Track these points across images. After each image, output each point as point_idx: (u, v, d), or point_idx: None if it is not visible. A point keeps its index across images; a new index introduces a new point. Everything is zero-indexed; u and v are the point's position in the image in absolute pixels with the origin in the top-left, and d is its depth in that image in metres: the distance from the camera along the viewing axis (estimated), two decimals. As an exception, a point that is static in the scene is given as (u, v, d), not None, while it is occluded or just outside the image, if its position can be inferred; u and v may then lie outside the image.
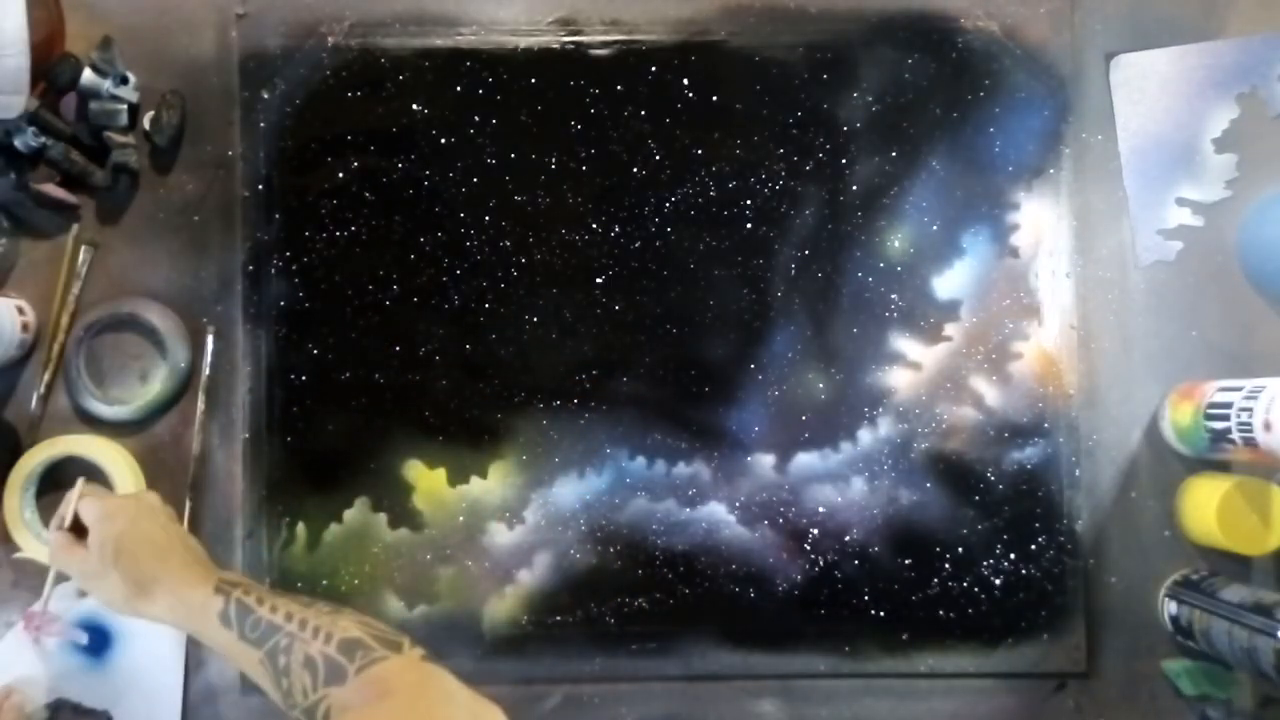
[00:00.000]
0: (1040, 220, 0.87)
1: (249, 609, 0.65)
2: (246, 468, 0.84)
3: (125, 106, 0.84)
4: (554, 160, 0.86)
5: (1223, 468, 0.85)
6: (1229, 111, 0.87)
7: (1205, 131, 0.87)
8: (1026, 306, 0.86)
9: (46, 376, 0.84)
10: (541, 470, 0.85)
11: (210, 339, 0.85)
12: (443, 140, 0.86)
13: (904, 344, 0.86)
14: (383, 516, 0.85)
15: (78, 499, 0.75)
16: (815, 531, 0.85)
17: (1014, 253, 0.87)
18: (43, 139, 0.81)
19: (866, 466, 0.85)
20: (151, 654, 0.82)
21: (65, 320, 0.84)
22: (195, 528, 0.84)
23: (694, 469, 0.85)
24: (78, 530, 0.74)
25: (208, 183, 0.86)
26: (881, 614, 0.85)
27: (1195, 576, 0.83)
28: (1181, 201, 0.87)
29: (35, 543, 0.82)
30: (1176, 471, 0.86)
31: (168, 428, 0.85)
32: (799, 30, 0.87)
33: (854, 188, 0.86)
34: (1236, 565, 0.83)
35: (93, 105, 0.83)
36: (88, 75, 0.82)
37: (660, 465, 0.85)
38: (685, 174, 0.86)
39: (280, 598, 0.66)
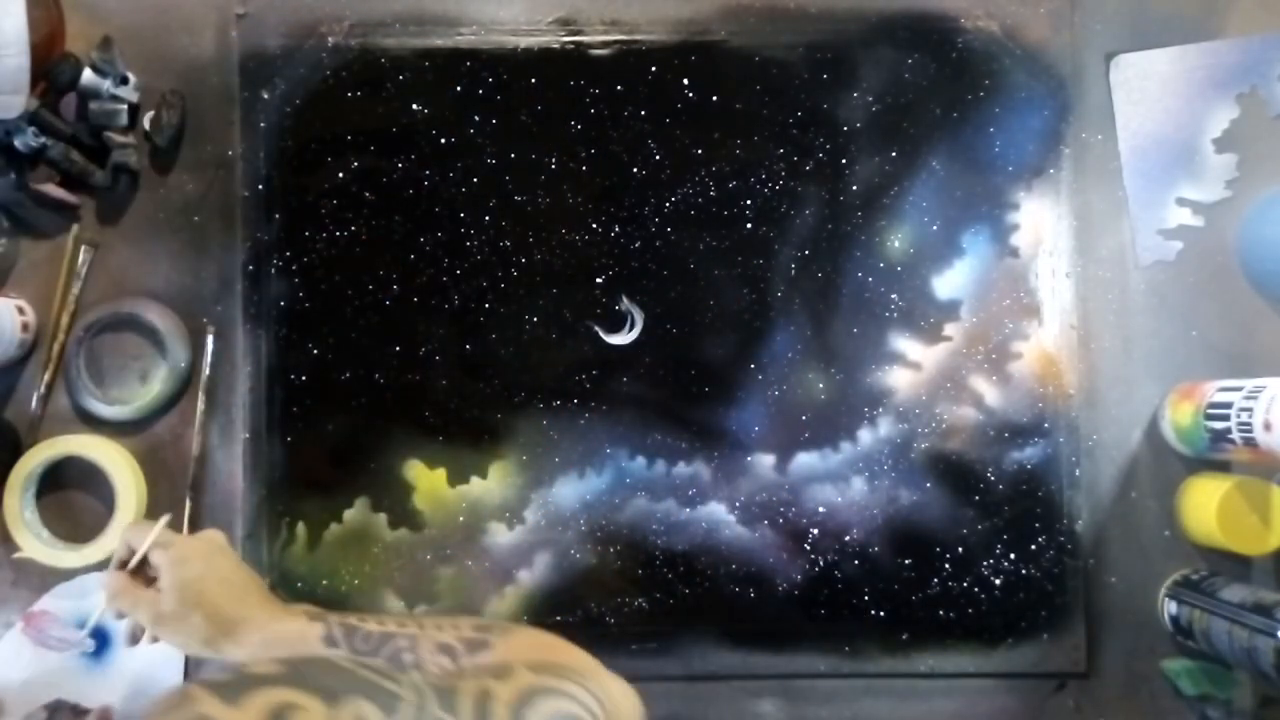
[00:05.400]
0: (1040, 220, 0.87)
1: (353, 627, 0.65)
2: (246, 468, 0.84)
3: (125, 106, 0.84)
4: (554, 160, 0.86)
5: (1223, 468, 0.84)
6: (1229, 111, 0.87)
7: (1205, 131, 0.87)
8: (1026, 306, 0.86)
9: (46, 376, 0.84)
10: (541, 470, 0.85)
11: (210, 339, 0.85)
12: (443, 140, 0.86)
13: (904, 344, 0.86)
14: (383, 516, 0.85)
15: (149, 543, 0.69)
16: (815, 531, 0.85)
17: (1014, 253, 0.87)
18: (43, 139, 0.81)
19: (866, 466, 0.85)
20: (151, 654, 0.82)
21: (65, 320, 0.84)
22: (195, 528, 0.84)
23: (694, 469, 0.85)
24: (137, 572, 0.70)
25: (208, 183, 0.86)
26: (881, 614, 0.85)
27: (1195, 576, 0.83)
28: (1181, 201, 0.87)
29: (35, 543, 0.82)
30: (1176, 471, 0.86)
31: (168, 428, 0.85)
32: (799, 30, 0.87)
33: (854, 188, 0.86)
34: (1236, 565, 0.83)
35: (93, 105, 0.83)
36: (88, 75, 0.82)
37: (660, 465, 0.85)
38: (685, 174, 0.86)
39: (376, 615, 0.66)
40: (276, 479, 0.84)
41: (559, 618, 0.84)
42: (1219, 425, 0.78)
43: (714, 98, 0.86)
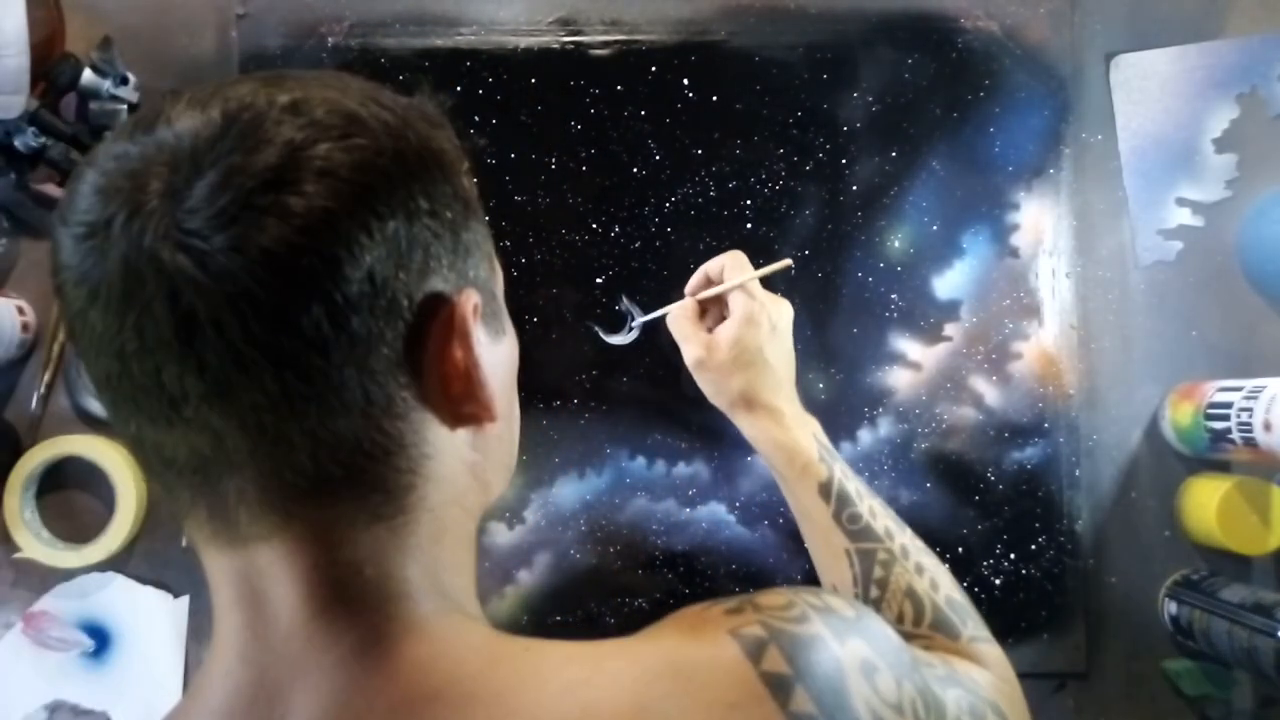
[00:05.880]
0: (1040, 220, 0.87)
1: (848, 499, 0.64)
2: (246, 468, 0.84)
3: (125, 106, 0.84)
4: (554, 160, 0.86)
5: (1223, 468, 0.85)
6: (1229, 111, 0.87)
7: (1205, 131, 0.87)
8: (1026, 306, 0.86)
9: (46, 376, 0.84)
10: (541, 470, 0.85)
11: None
12: (443, 140, 0.86)
13: (904, 344, 0.86)
14: (383, 516, 0.84)
15: (735, 284, 0.69)
16: (815, 531, 0.85)
17: (1014, 253, 0.87)
18: (43, 139, 0.81)
19: (866, 466, 0.85)
20: (151, 654, 0.83)
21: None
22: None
23: (694, 469, 0.85)
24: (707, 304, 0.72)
25: (208, 183, 0.86)
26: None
27: (1195, 576, 0.83)
28: (1181, 201, 0.87)
29: (35, 543, 0.82)
30: (1176, 471, 0.86)
31: (168, 428, 0.85)
32: (799, 30, 0.87)
33: (854, 188, 0.86)
34: (1236, 565, 0.83)
35: (93, 105, 0.83)
36: (88, 75, 0.82)
37: (660, 465, 0.85)
38: (685, 174, 0.86)
39: (874, 499, 0.65)
40: (276, 479, 0.84)
41: (559, 618, 0.84)
42: (1219, 425, 0.78)
43: (714, 98, 0.86)
